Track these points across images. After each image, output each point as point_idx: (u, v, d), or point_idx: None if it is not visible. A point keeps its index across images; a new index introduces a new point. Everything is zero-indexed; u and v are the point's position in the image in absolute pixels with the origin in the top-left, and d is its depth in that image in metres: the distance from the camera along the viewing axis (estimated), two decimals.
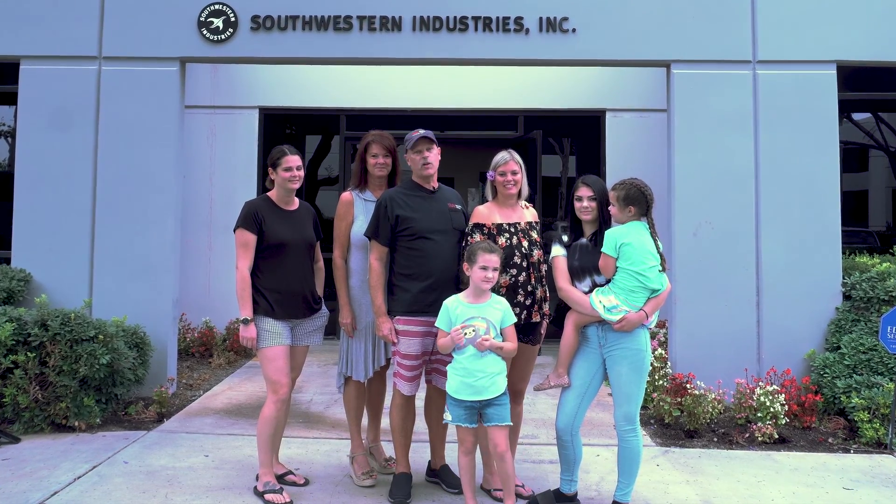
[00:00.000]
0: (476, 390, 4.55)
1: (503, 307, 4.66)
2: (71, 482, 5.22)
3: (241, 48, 7.73)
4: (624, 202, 4.67)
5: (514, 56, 7.77)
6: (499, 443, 4.59)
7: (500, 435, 4.60)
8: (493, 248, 4.61)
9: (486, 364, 4.56)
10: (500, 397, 4.59)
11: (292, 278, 5.13)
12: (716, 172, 7.55)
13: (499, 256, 4.61)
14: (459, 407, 4.61)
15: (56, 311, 6.46)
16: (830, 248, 7.49)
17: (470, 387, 4.56)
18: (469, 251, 4.67)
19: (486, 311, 4.61)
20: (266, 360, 5.02)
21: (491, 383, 4.56)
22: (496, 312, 4.62)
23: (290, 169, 5.16)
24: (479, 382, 4.54)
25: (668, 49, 7.71)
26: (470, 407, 4.60)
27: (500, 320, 4.62)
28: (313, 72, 10.47)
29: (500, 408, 4.59)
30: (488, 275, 4.55)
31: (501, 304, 4.67)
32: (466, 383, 4.56)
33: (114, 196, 7.57)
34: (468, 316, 4.59)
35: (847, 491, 5.33)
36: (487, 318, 4.59)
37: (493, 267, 4.56)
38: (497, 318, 4.61)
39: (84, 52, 7.69)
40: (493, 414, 4.59)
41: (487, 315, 4.60)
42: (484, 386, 4.55)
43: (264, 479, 4.99)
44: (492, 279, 4.57)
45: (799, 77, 7.63)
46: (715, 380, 7.08)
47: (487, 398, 4.56)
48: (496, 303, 4.66)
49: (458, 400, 4.60)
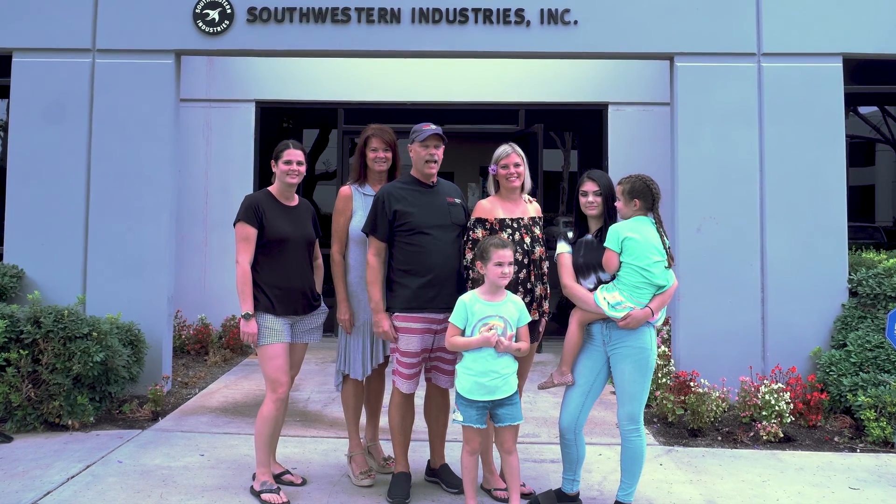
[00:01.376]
0: (489, 390, 4.52)
1: (519, 305, 4.65)
2: (64, 482, 5.20)
3: (237, 40, 7.71)
4: (629, 196, 4.65)
5: (515, 49, 7.74)
6: (507, 440, 4.61)
7: (509, 433, 4.62)
8: (505, 244, 4.58)
9: (502, 364, 4.54)
10: (512, 396, 4.58)
11: (292, 275, 5.11)
12: (720, 167, 7.53)
13: (512, 250, 4.59)
14: (472, 408, 4.58)
15: (49, 308, 6.44)
16: (836, 244, 7.47)
17: (483, 387, 4.52)
18: (481, 249, 4.63)
19: (503, 310, 4.59)
20: (266, 358, 5.01)
21: (504, 383, 4.54)
22: (513, 311, 4.60)
23: (290, 162, 5.14)
24: (492, 382, 4.52)
25: (671, 41, 7.68)
26: (482, 407, 4.57)
27: (516, 319, 4.61)
28: (311, 65, 10.45)
29: (512, 407, 4.59)
30: (504, 270, 4.53)
31: (518, 303, 4.66)
32: (480, 383, 4.53)
33: (108, 191, 7.56)
34: (486, 314, 4.57)
35: (853, 491, 5.31)
36: (505, 316, 4.58)
37: (509, 262, 4.54)
38: (514, 316, 4.60)
39: (77, 45, 7.67)
40: (506, 414, 4.58)
41: (504, 313, 4.58)
42: (497, 386, 4.53)
43: (261, 479, 4.97)
44: (508, 274, 4.55)
45: (804, 70, 7.60)
46: (719, 378, 7.06)
47: (500, 398, 4.55)
48: (512, 300, 4.64)
49: (471, 401, 4.56)
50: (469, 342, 4.57)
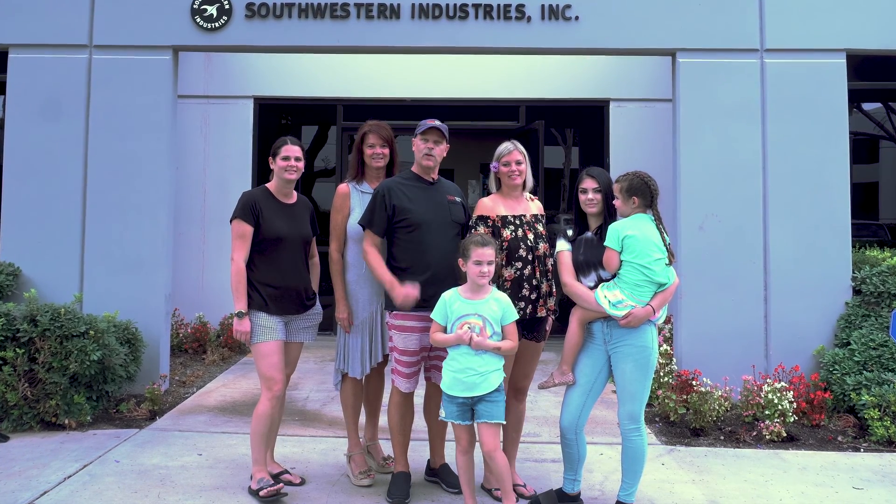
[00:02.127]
0: (467, 386, 4.51)
1: (502, 303, 4.60)
2: (61, 482, 5.19)
3: (235, 36, 7.69)
4: (627, 193, 4.64)
5: (516, 44, 7.73)
6: (486, 441, 4.53)
7: (488, 433, 4.53)
8: (486, 241, 4.56)
9: (480, 362, 4.51)
10: (492, 394, 4.53)
11: (288, 274, 5.10)
12: (722, 164, 7.52)
13: (493, 248, 4.56)
14: (452, 403, 4.58)
15: (46, 306, 6.43)
16: (840, 242, 7.46)
17: (461, 383, 4.52)
18: (462, 246, 4.63)
19: (483, 308, 4.56)
20: (260, 356, 5.00)
21: (483, 380, 4.50)
22: (495, 309, 4.57)
23: (288, 158, 5.13)
24: (469, 379, 4.50)
25: (673, 37, 7.67)
26: (462, 404, 4.56)
27: (499, 317, 4.57)
28: (310, 61, 10.43)
29: (491, 405, 4.53)
30: (483, 269, 4.50)
31: (501, 301, 4.61)
32: (458, 379, 4.52)
33: (105, 188, 7.54)
34: (464, 312, 4.56)
35: (857, 490, 5.30)
36: (484, 314, 4.55)
37: (488, 261, 4.51)
38: (495, 314, 4.56)
39: (74, 41, 7.65)
40: (484, 410, 4.53)
41: (484, 311, 4.55)
42: (475, 382, 4.50)
43: (258, 477, 4.95)
44: (487, 273, 4.53)
45: (808, 66, 7.59)
46: (721, 376, 7.05)
47: (479, 395, 4.52)
48: (495, 298, 4.61)
49: (451, 396, 4.57)
50: (446, 339, 4.59)
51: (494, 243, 4.63)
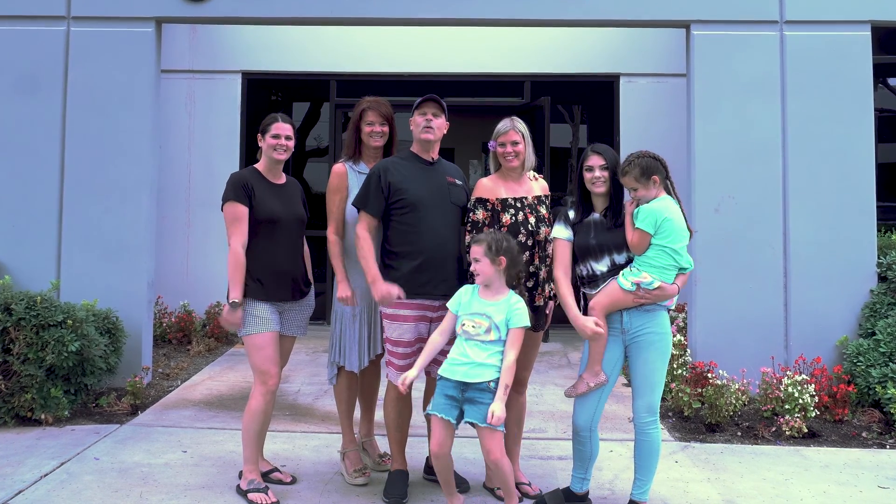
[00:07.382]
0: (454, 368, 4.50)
1: (512, 307, 4.54)
2: (37, 480, 5.16)
3: (221, 7, 7.62)
4: (645, 177, 4.57)
5: (520, 16, 7.64)
6: (491, 449, 4.46)
7: (490, 439, 4.45)
8: (476, 239, 4.60)
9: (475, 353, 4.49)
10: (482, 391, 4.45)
11: (283, 258, 5.05)
12: (740, 143, 7.46)
13: (480, 245, 4.55)
14: (441, 394, 4.54)
15: (21, 294, 6.41)
16: (865, 226, 7.41)
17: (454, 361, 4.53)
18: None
19: (493, 311, 4.53)
20: (254, 349, 4.95)
21: (473, 368, 4.46)
22: (502, 313, 4.53)
23: (279, 136, 5.07)
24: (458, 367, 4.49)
25: (687, 8, 7.60)
26: (451, 397, 4.50)
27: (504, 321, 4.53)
28: (301, 33, 10.36)
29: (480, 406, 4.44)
30: (476, 268, 4.55)
31: (511, 305, 4.56)
32: (452, 359, 4.54)
33: (83, 168, 7.49)
34: (473, 311, 4.56)
35: (882, 490, 5.28)
36: (492, 317, 4.51)
37: (475, 258, 4.56)
38: (501, 318, 4.53)
39: (51, 12, 7.58)
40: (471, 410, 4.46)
41: (493, 315, 4.52)
42: (464, 371, 4.47)
43: (248, 477, 4.93)
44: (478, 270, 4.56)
45: (830, 39, 7.52)
46: (739, 369, 7.03)
47: (468, 381, 4.45)
48: (508, 303, 4.56)
49: (442, 382, 4.55)
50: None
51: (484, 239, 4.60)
